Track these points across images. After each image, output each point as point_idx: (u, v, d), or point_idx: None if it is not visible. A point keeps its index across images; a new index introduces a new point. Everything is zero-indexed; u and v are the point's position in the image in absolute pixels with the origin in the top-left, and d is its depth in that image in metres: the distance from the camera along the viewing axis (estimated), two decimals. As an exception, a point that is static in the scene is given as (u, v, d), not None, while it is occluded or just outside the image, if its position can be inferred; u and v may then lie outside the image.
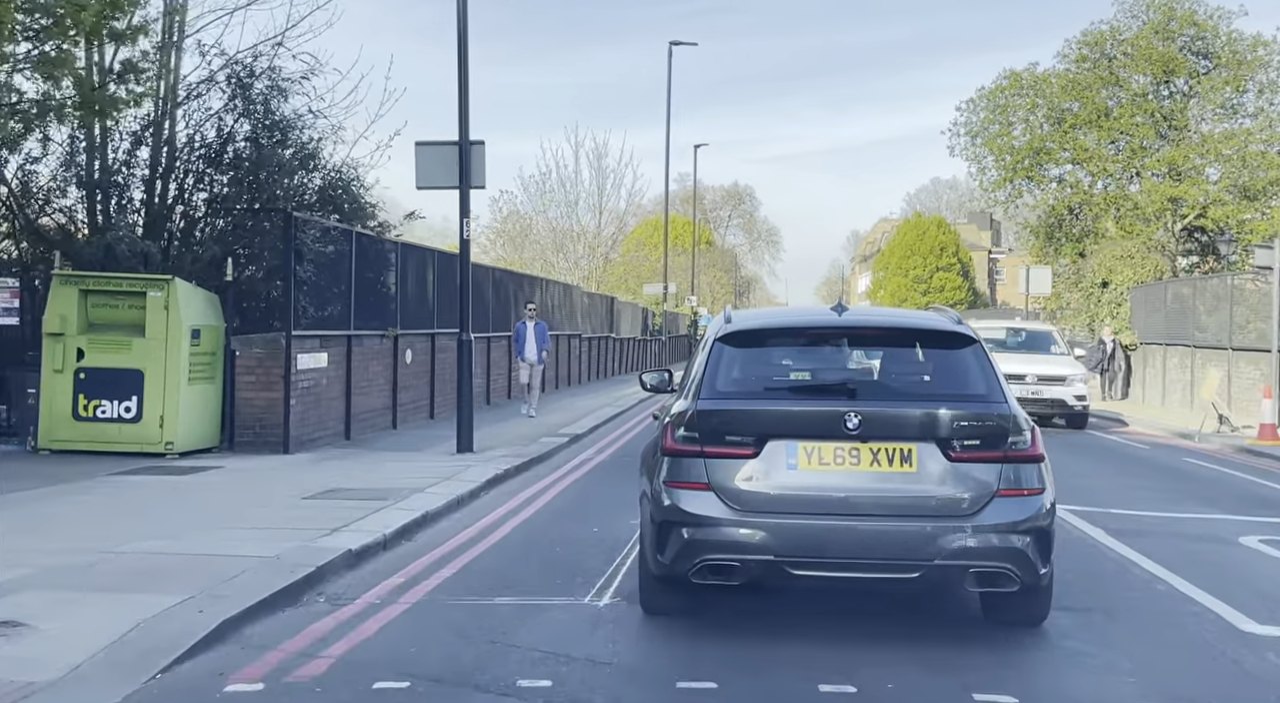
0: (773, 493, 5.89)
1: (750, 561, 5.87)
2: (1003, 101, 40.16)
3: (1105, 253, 31.46)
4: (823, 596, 6.88)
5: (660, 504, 6.05)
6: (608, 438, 17.97)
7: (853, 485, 5.86)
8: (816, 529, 5.83)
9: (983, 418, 5.94)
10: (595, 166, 52.38)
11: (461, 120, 14.40)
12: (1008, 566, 5.79)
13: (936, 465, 5.84)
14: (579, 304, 34.09)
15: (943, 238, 75.01)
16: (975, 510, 5.79)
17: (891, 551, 5.82)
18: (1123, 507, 11.42)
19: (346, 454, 14.10)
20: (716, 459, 5.95)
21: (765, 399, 6.25)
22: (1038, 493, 5.93)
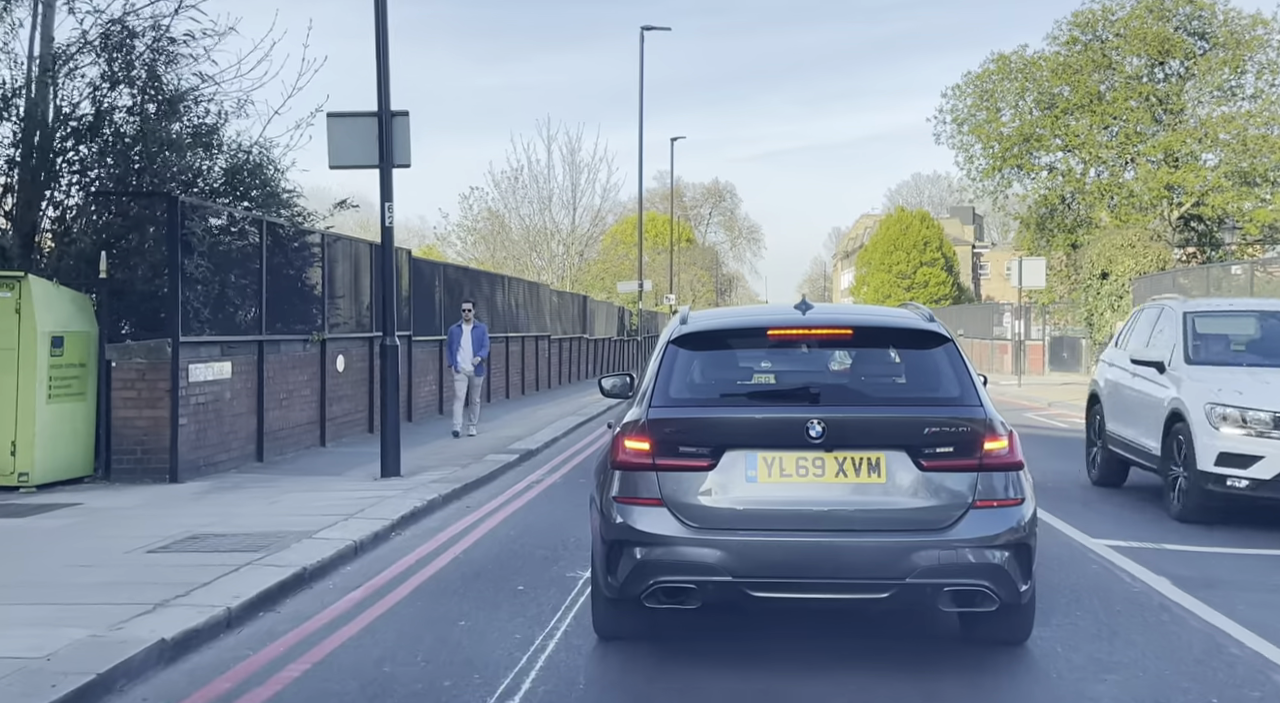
0: (731, 508, 5.41)
1: (707, 582, 5.40)
2: (990, 87, 38.17)
3: (1105, 242, 29.43)
4: (791, 613, 6.25)
5: (610, 522, 5.56)
6: (564, 453, 15.76)
7: (817, 498, 5.40)
8: (778, 547, 5.37)
9: (956, 423, 5.49)
10: (569, 162, 50.17)
11: (381, 87, 12.17)
12: (985, 583, 5.32)
13: (907, 476, 5.38)
14: (548, 304, 31.86)
15: (926, 232, 73.04)
16: (949, 524, 5.35)
17: (860, 569, 5.36)
18: (1174, 541, 9.27)
19: (248, 481, 11.86)
20: (670, 472, 5.46)
21: (722, 406, 5.77)
22: (1016, 503, 5.47)
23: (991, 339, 46.91)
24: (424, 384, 20.28)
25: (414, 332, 19.76)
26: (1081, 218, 38.51)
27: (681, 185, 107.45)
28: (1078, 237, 38.24)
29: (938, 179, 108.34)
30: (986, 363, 47.07)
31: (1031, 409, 25.69)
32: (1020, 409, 25.61)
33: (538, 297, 30.54)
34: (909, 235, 72.76)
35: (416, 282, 20.21)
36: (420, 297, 20.60)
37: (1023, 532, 5.42)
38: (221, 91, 13.23)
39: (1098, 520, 10.17)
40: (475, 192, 50.13)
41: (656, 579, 5.41)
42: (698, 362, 5.98)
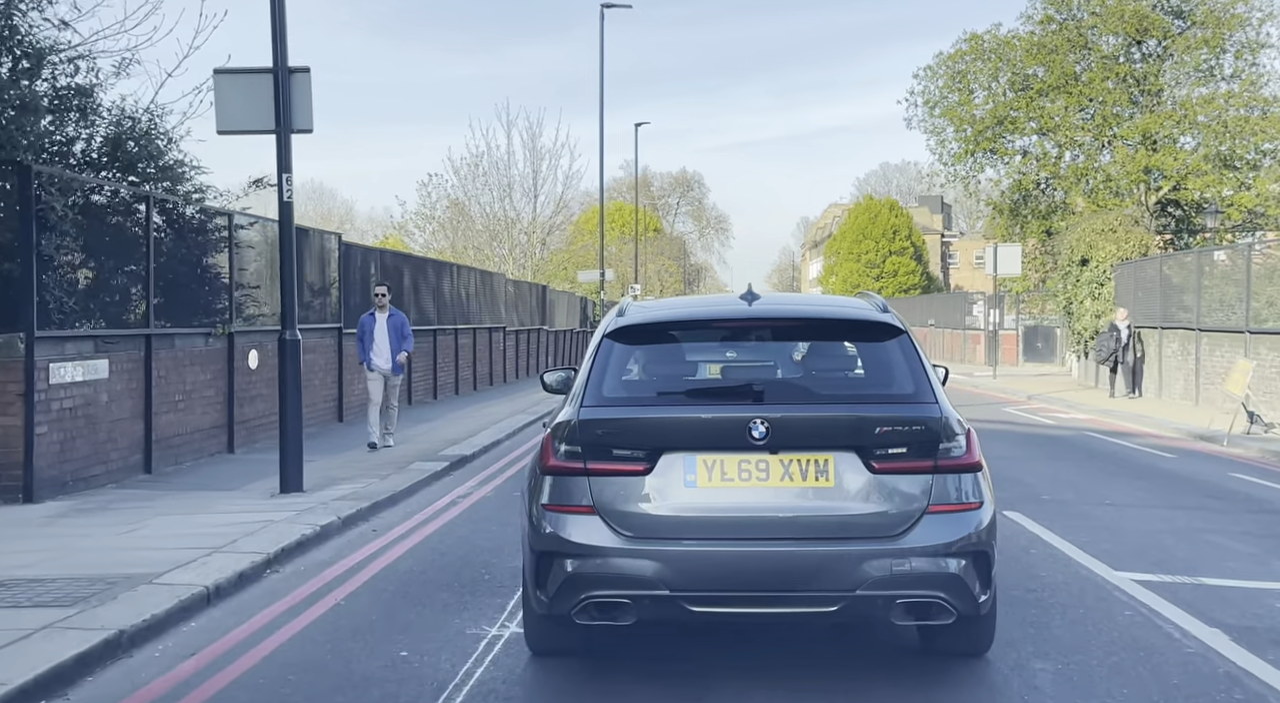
0: (668, 516, 4.98)
1: (643, 596, 4.93)
2: (963, 67, 36.54)
3: (1084, 227, 27.89)
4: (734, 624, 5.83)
5: (539, 532, 5.11)
6: (503, 459, 14.00)
7: (760, 504, 4.98)
8: (719, 557, 4.92)
9: (910, 421, 5.07)
10: (530, 148, 48.24)
11: (276, 40, 10.36)
12: (941, 594, 4.90)
13: (857, 479, 4.98)
14: (503, 294, 30.05)
15: (895, 221, 71.63)
16: (902, 531, 4.93)
17: (806, 581, 4.91)
18: (1214, 572, 7.64)
19: (120, 500, 10.04)
20: (603, 477, 5.02)
21: (659, 405, 5.30)
22: (974, 508, 5.08)
23: (964, 329, 45.49)
24: (359, 381, 18.45)
25: (346, 324, 17.96)
26: (1056, 204, 37.03)
27: (649, 175, 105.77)
28: (1052, 223, 36.73)
29: (906, 168, 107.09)
30: (958, 354, 45.68)
31: (1011, 403, 24.16)
32: (999, 403, 24.07)
33: (491, 286, 28.73)
34: (878, 224, 71.33)
35: (349, 269, 18.39)
36: (354, 286, 18.78)
37: (981, 538, 5.01)
38: (99, 48, 11.36)
39: (1113, 541, 8.56)
40: (434, 179, 48.10)
41: (589, 594, 4.94)
42: (635, 357, 5.55)
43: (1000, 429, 18.12)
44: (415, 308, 21.83)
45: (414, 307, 21.67)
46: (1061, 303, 29.76)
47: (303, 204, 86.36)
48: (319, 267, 17.22)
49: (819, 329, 5.77)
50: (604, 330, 5.53)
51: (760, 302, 5.72)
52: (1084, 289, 27.44)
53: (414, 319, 21.66)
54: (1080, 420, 20.03)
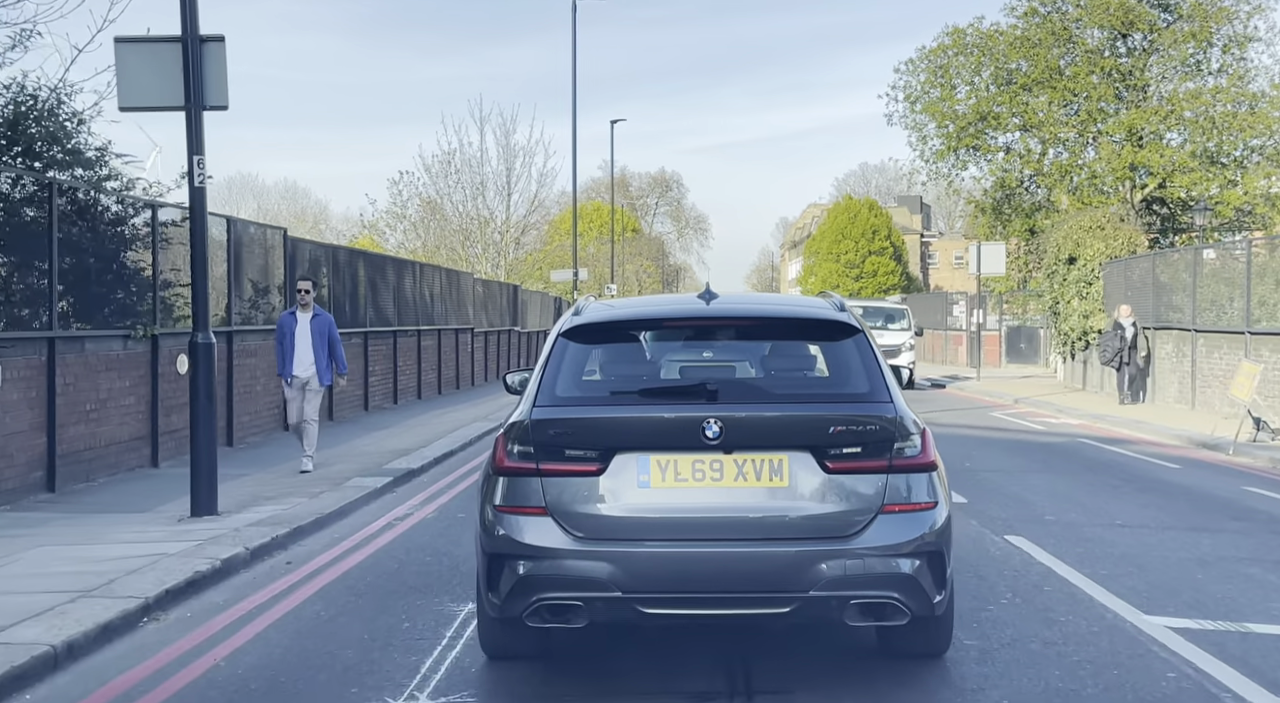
0: (621, 517, 4.82)
1: (595, 599, 4.77)
2: (945, 62, 35.47)
3: (1071, 224, 26.82)
4: None
5: (491, 534, 4.93)
6: (455, 473, 12.76)
7: (715, 505, 4.84)
8: (672, 559, 4.79)
9: (864, 421, 4.92)
10: (504, 146, 46.91)
11: (185, 4, 9.09)
12: (895, 595, 4.75)
13: (811, 479, 4.84)
14: (471, 294, 28.78)
15: (875, 220, 70.63)
16: (856, 531, 4.80)
17: (760, 581, 4.77)
18: (1260, 615, 6.48)
19: (5, 526, 8.76)
20: (555, 478, 4.86)
21: (613, 405, 5.17)
22: (929, 507, 4.88)
23: (945, 330, 44.47)
24: (307, 386, 17.16)
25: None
26: (1040, 202, 36.04)
27: (627, 175, 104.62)
28: (1035, 221, 35.75)
29: (885, 168, 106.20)
30: (940, 355, 44.65)
31: (997, 407, 23.05)
32: (985, 407, 22.96)
33: (458, 286, 27.45)
34: (857, 224, 70.31)
35: (297, 267, 17.11)
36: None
37: (935, 538, 4.89)
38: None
39: (1137, 575, 7.40)
40: (406, 176, 46.68)
41: (540, 596, 4.82)
42: (590, 356, 5.44)
43: (989, 436, 16.99)
44: (374, 308, 20.58)
45: (372, 306, 20.41)
46: (1047, 303, 28.72)
47: (276, 203, 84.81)
48: (263, 264, 15.94)
49: (775, 328, 5.69)
50: (559, 329, 5.43)
51: (718, 301, 5.60)
52: (1071, 288, 26.39)
53: (372, 320, 20.42)
54: (1072, 426, 18.94)
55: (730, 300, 5.93)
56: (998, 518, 9.57)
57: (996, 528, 9.09)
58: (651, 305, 6.28)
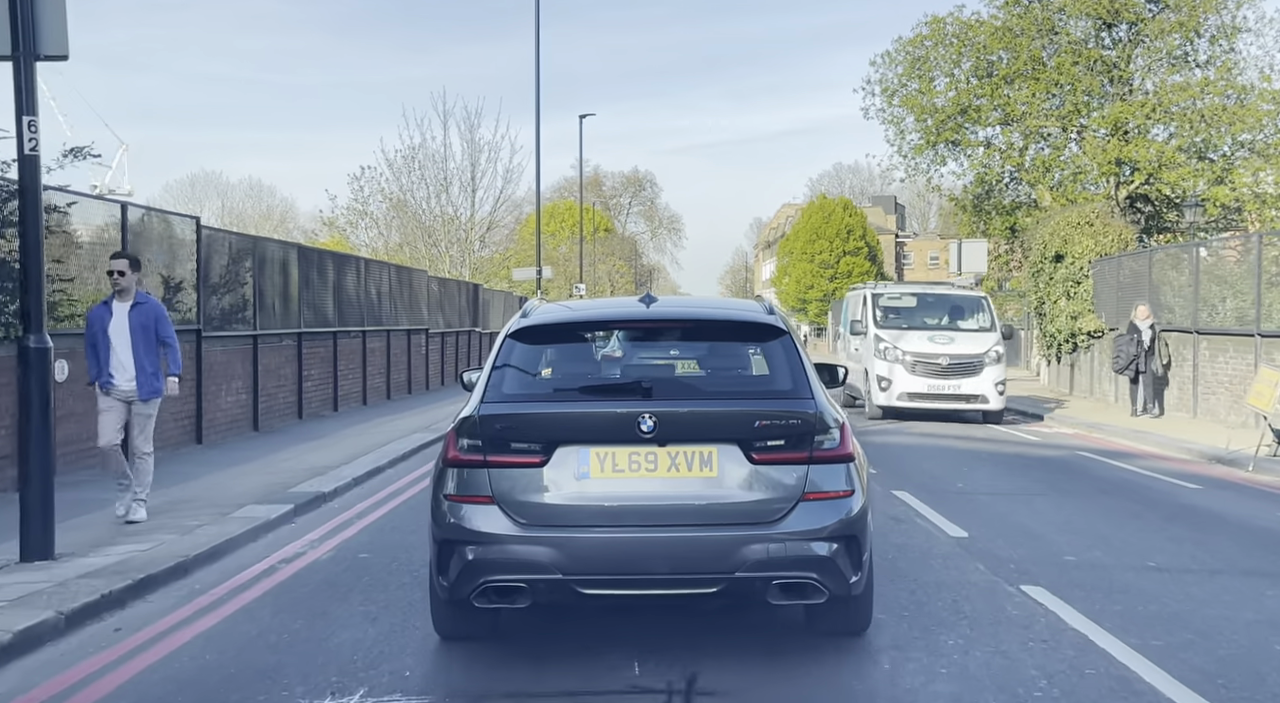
0: (563, 505, 5.16)
1: (538, 581, 5.10)
2: (923, 53, 33.90)
3: (1059, 220, 25.27)
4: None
5: (442, 521, 5.28)
6: (375, 496, 10.96)
7: (649, 493, 5.16)
8: (609, 543, 5.10)
9: (787, 416, 5.26)
10: (468, 140, 45.02)
11: (11, -72, 7.28)
12: (813, 575, 5.13)
13: (738, 469, 5.18)
14: (425, 292, 26.95)
15: (849, 220, 69.19)
16: (779, 517, 5.15)
17: (689, 564, 5.12)
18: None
19: None
20: (501, 469, 5.17)
21: (555, 401, 5.51)
22: (846, 496, 5.24)
23: (922, 331, 42.90)
24: (226, 393, 15.35)
25: (208, 326, 14.88)
26: (1021, 199, 34.56)
27: (600, 175, 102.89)
28: (1017, 219, 34.27)
29: (859, 168, 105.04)
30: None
31: (983, 414, 21.39)
32: (971, 414, 21.30)
33: (411, 284, 25.61)
34: (832, 223, 68.85)
35: (213, 261, 15.28)
36: (228, 281, 15.67)
37: (852, 524, 5.21)
38: None
39: (1201, 648, 5.72)
40: (368, 171, 44.74)
41: (486, 579, 5.12)
42: (534, 356, 5.75)
43: (979, 449, 15.34)
44: (310, 307, 18.74)
45: (308, 305, 18.57)
46: (1032, 303, 27.16)
47: (240, 201, 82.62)
48: (169, 257, 14.09)
49: (708, 329, 6.05)
50: (506, 331, 5.74)
51: (657, 304, 5.90)
52: (1058, 287, 24.84)
53: (308, 320, 18.58)
54: (1067, 436, 17.33)
55: (668, 303, 6.15)
56: (1009, 561, 7.88)
57: (1009, 575, 7.40)
58: (594, 308, 6.58)
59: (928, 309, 20.07)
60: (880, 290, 20.64)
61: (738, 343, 6.07)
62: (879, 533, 8.42)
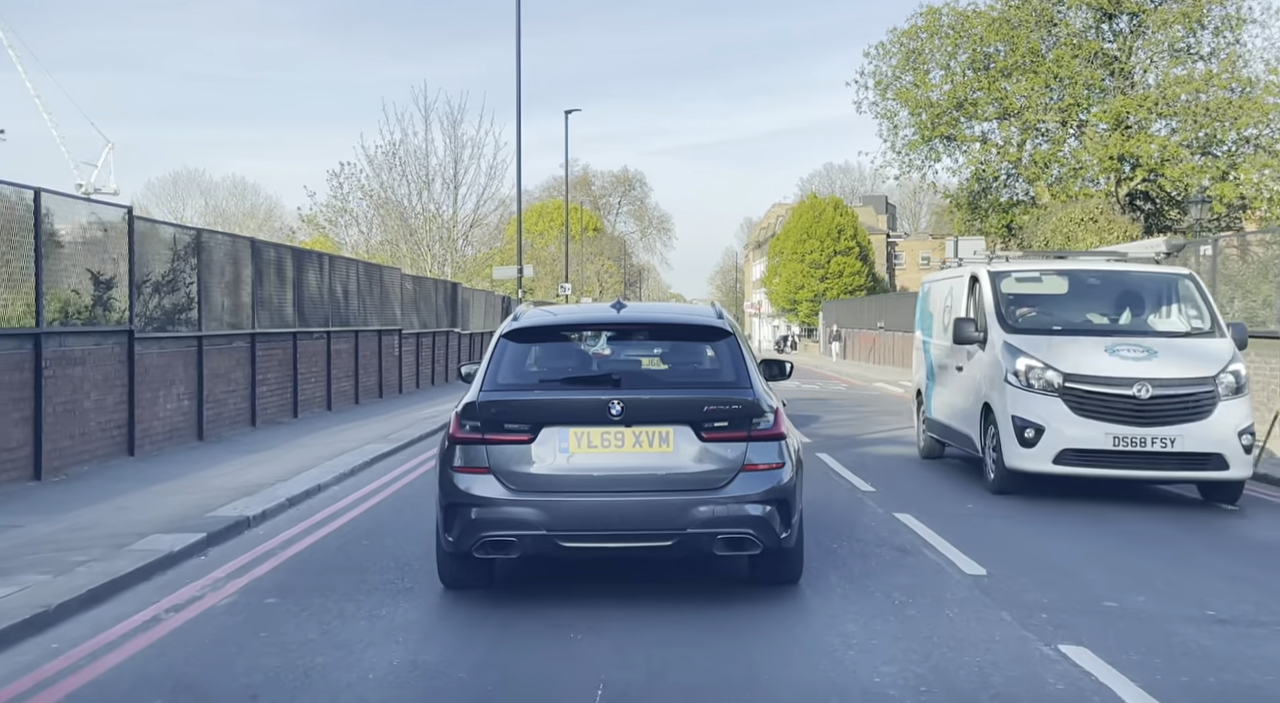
0: (547, 474, 6.24)
1: (526, 536, 6.20)
2: (918, 45, 32.67)
3: (1061, 216, 24.06)
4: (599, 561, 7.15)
5: (448, 488, 6.36)
6: (308, 520, 9.55)
7: (617, 465, 6.24)
8: (584, 505, 6.20)
9: (730, 402, 6.29)
10: (450, 136, 43.60)
11: None
12: (749, 531, 6.21)
13: (690, 446, 6.24)
14: (398, 291, 25.56)
15: (840, 219, 67.90)
16: (723, 484, 6.22)
17: (650, 522, 6.20)
18: None
19: None
20: (497, 445, 6.27)
21: (541, 390, 6.55)
22: (778, 467, 6.30)
23: (916, 332, 41.62)
24: (165, 400, 13.98)
25: (149, 326, 13.53)
26: (1018, 196, 33.36)
27: (589, 174, 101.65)
28: (1013, 217, 33.09)
29: (850, 169, 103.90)
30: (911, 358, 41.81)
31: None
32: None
33: (382, 282, 24.21)
34: (822, 223, 67.56)
35: (153, 255, 13.90)
36: (162, 277, 14.28)
37: (783, 490, 6.27)
38: None
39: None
40: (347, 168, 43.24)
41: (483, 534, 6.21)
42: (523, 353, 6.81)
43: (986, 460, 14.03)
44: (265, 307, 17.36)
45: (262, 305, 17.19)
46: (1033, 303, 25.83)
47: (224, 200, 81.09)
48: (97, 251, 12.72)
49: (667, 331, 7.34)
50: (500, 332, 6.89)
51: (626, 310, 7.18)
52: (1061, 287, 23.49)
53: (263, 321, 17.21)
54: (1077, 445, 16.00)
55: (636, 309, 7.41)
56: (1038, 607, 6.56)
57: (1044, 630, 6.07)
58: (574, 313, 7.84)
59: (1090, 297, 11.59)
60: (1005, 267, 11.99)
61: (692, 342, 7.09)
62: (886, 569, 7.50)
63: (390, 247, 43.73)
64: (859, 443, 15.92)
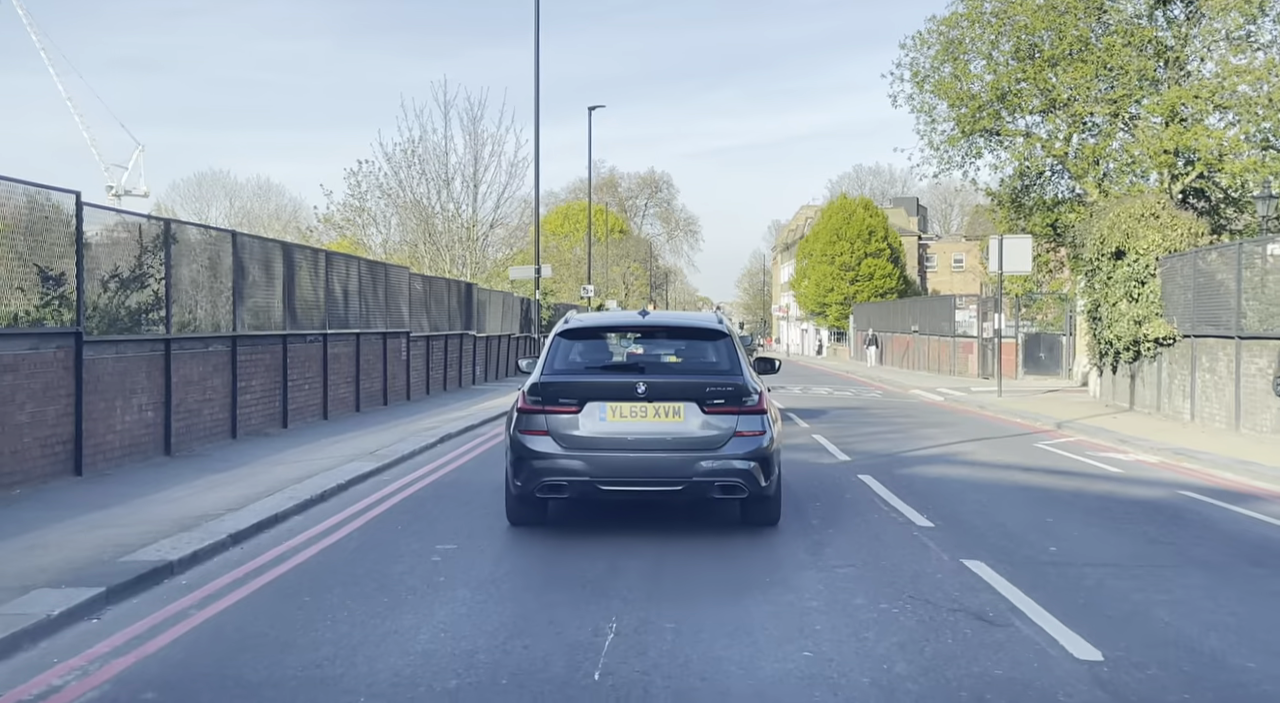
0: (589, 436, 8.37)
1: (574, 481, 8.35)
2: (959, 34, 30.61)
3: (1119, 211, 21.93)
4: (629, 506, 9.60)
5: (516, 446, 8.50)
6: (255, 561, 7.75)
7: (642, 430, 8.36)
8: (617, 459, 8.33)
9: (726, 385, 8.46)
10: (470, 132, 41.92)
11: None
12: (739, 480, 8.32)
13: (696, 417, 8.37)
14: (405, 291, 23.86)
15: (871, 220, 65.75)
16: (720, 445, 8.34)
17: (665, 472, 8.33)
18: None
19: None
20: (552, 414, 8.43)
21: (585, 374, 8.73)
22: (760, 434, 8.42)
23: (953, 336, 39.57)
24: (123, 411, 12.29)
25: (110, 328, 11.88)
26: (1063, 193, 31.24)
27: (615, 176, 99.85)
28: (1059, 215, 30.95)
29: (879, 171, 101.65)
30: (947, 364, 39.79)
31: (1041, 434, 18.13)
32: (1025, 434, 18.04)
33: (386, 281, 22.51)
34: (852, 224, 65.44)
35: (110, 247, 12.21)
36: (125, 273, 12.61)
37: (764, 451, 8.40)
38: None
39: None
40: (365, 166, 41.61)
41: (542, 479, 8.39)
42: (572, 347, 9.02)
43: (1055, 487, 12.08)
44: (247, 308, 15.66)
45: (244, 306, 15.49)
46: (1086, 306, 23.81)
47: (249, 201, 79.91)
48: (39, 242, 11.03)
49: (680, 333, 9.60)
50: (555, 331, 9.10)
51: (649, 317, 9.47)
52: (1118, 288, 21.52)
53: (246, 323, 15.52)
54: (1151, 466, 14.06)
55: (656, 317, 9.65)
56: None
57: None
58: (611, 318, 10.29)
59: None
60: None
61: (699, 341, 9.21)
62: (970, 651, 5.75)
63: (410, 248, 42.11)
64: (903, 461, 14.03)
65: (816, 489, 11.37)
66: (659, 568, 7.66)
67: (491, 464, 13.21)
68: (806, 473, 12.61)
